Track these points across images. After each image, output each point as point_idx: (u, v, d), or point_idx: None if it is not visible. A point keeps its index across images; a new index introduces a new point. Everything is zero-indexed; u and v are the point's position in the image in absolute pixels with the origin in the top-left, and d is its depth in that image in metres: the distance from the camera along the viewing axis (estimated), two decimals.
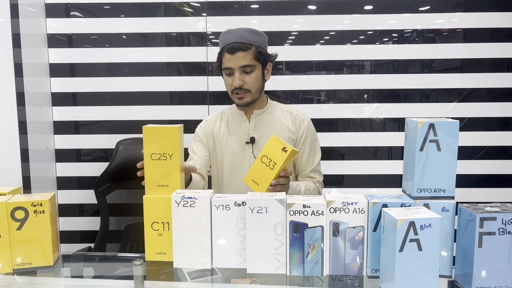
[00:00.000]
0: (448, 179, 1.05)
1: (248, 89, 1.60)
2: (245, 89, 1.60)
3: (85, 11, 2.28)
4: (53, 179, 2.39)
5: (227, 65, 1.59)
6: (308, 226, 1.06)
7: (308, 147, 1.71)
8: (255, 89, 1.62)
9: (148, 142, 1.17)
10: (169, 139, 1.15)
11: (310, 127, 1.73)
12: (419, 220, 0.92)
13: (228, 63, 1.58)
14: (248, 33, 1.59)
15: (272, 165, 1.23)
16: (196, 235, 1.11)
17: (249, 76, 1.59)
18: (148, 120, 2.33)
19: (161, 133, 1.16)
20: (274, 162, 1.23)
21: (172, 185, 1.16)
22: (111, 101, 2.33)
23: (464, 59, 2.24)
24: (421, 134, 1.03)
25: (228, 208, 1.10)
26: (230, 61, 1.57)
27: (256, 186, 1.24)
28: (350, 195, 1.09)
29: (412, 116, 2.25)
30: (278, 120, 1.71)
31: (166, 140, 1.15)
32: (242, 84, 1.58)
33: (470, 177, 2.31)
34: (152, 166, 1.17)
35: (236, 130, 1.72)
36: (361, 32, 2.24)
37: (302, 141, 1.70)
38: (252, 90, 1.61)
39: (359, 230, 1.06)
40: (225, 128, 1.74)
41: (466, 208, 0.99)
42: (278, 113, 1.73)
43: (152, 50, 2.28)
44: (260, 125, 1.70)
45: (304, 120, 1.72)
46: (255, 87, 1.62)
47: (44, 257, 1.12)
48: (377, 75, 2.27)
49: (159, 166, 1.17)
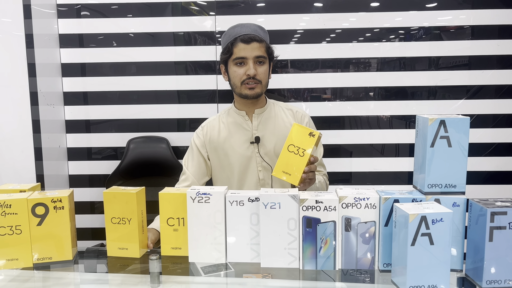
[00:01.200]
0: (458, 174, 1.06)
1: (260, 80, 1.59)
2: (257, 80, 1.58)
3: (95, 11, 2.31)
4: (66, 177, 2.42)
5: (241, 55, 1.57)
6: (321, 221, 1.08)
7: None
8: (265, 81, 1.61)
9: (108, 206, 1.18)
10: (127, 204, 1.16)
11: (311, 123, 1.74)
12: (430, 215, 0.94)
13: (243, 53, 1.56)
14: (259, 29, 1.61)
15: (302, 152, 1.20)
16: (210, 230, 1.13)
17: (261, 67, 1.59)
18: (158, 119, 2.36)
19: (120, 198, 1.17)
20: (303, 149, 1.20)
21: (131, 248, 1.18)
22: (121, 100, 2.36)
23: (472, 56, 2.25)
24: (432, 130, 1.05)
25: (242, 203, 1.12)
26: (244, 50, 1.56)
27: (288, 177, 1.20)
28: (362, 191, 1.11)
29: (420, 114, 2.28)
30: (280, 118, 1.70)
31: (125, 205, 1.16)
32: (256, 74, 1.57)
33: (479, 174, 2.31)
34: (113, 230, 1.19)
35: (239, 131, 1.68)
36: (368, 30, 2.25)
37: None
38: (263, 81, 1.60)
39: (370, 225, 1.08)
40: (225, 131, 1.70)
41: (477, 203, 1.01)
42: (279, 111, 1.72)
43: (161, 49, 2.31)
44: (263, 124, 1.68)
45: (305, 116, 1.73)
46: (265, 79, 1.61)
47: (64, 251, 1.15)
48: (384, 72, 2.28)
49: (119, 230, 1.18)
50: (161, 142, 2.36)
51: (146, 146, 2.37)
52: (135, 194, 1.15)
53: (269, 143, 1.65)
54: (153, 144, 2.37)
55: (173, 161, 2.33)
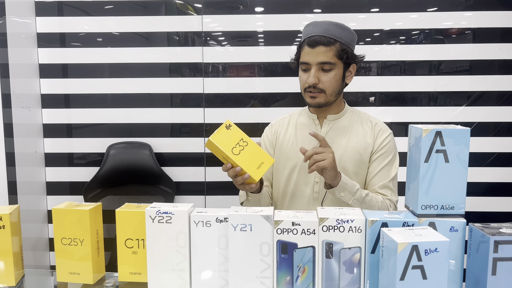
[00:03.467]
0: (457, 194, 0.92)
1: (323, 89, 1.41)
2: (319, 89, 1.41)
3: (78, 9, 2.18)
4: (43, 184, 2.29)
5: (304, 59, 1.42)
6: (298, 246, 0.94)
7: (383, 161, 1.48)
8: (331, 90, 1.42)
9: (58, 225, 1.05)
10: (79, 223, 1.03)
11: (390, 140, 1.50)
12: (423, 244, 0.80)
13: (306, 57, 1.41)
14: (333, 27, 1.41)
15: (244, 142, 1.15)
16: (172, 254, 0.99)
17: (326, 74, 1.41)
18: (140, 124, 2.22)
19: (71, 216, 1.03)
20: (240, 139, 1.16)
21: (84, 273, 1.05)
22: (101, 103, 2.23)
23: (473, 60, 2.11)
24: (426, 143, 0.91)
25: (208, 224, 0.98)
26: (308, 55, 1.41)
27: (264, 165, 1.18)
28: (346, 211, 0.97)
29: (418, 121, 2.14)
30: (354, 129, 1.50)
31: (77, 223, 1.03)
32: (317, 83, 1.40)
33: (478, 185, 2.17)
34: (63, 252, 1.05)
35: (306, 136, 1.49)
36: (367, 32, 2.12)
37: (377, 153, 1.48)
38: (327, 91, 1.41)
39: (355, 252, 0.94)
40: (292, 132, 1.54)
41: (479, 229, 0.87)
42: (355, 121, 1.52)
43: (145, 50, 2.18)
44: (333, 132, 1.49)
45: (384, 131, 1.50)
46: (331, 88, 1.42)
47: (6, 276, 1.01)
48: (383, 77, 2.14)
49: (70, 252, 1.05)
50: (143, 148, 2.22)
51: (127, 152, 2.23)
52: (88, 212, 1.01)
53: (336, 154, 1.39)
54: (134, 150, 2.23)
55: (156, 169, 2.20)
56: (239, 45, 2.17)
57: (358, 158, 1.47)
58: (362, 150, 1.47)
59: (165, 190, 2.23)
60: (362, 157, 1.47)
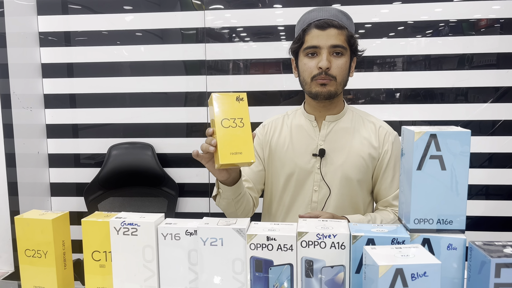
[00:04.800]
0: (455, 207, 0.80)
1: (334, 76, 1.28)
2: (331, 75, 1.27)
3: (82, 7, 2.13)
4: (46, 185, 2.26)
5: (313, 43, 1.27)
6: (274, 263, 0.84)
7: (392, 168, 1.36)
8: (341, 78, 1.29)
9: (21, 235, 0.97)
10: (42, 234, 0.95)
11: (396, 143, 1.37)
12: (409, 267, 0.68)
13: (315, 41, 1.27)
14: (341, 14, 1.30)
15: (241, 122, 0.96)
16: (139, 269, 0.91)
17: (338, 60, 1.28)
18: (142, 124, 2.16)
19: (34, 226, 0.95)
20: (240, 117, 0.96)
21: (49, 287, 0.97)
22: (104, 103, 2.18)
23: (500, 53, 1.94)
24: (419, 148, 0.79)
25: (177, 237, 0.89)
26: (318, 38, 1.26)
27: (241, 156, 0.95)
28: (330, 224, 0.86)
29: (441, 119, 1.99)
30: (357, 131, 1.37)
31: (40, 234, 0.95)
32: (329, 67, 1.27)
33: (502, 188, 2.01)
34: (27, 264, 0.98)
35: (302, 138, 1.37)
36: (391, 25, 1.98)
37: (386, 160, 1.35)
38: (338, 78, 1.28)
39: (338, 271, 0.83)
40: (287, 134, 1.40)
41: (479, 249, 0.74)
42: (357, 122, 1.39)
43: (148, 47, 2.11)
44: (334, 135, 1.36)
45: (390, 134, 1.37)
46: (341, 75, 1.29)
47: None
48: (403, 72, 2.00)
49: (34, 264, 0.97)
50: (146, 149, 2.16)
51: (129, 153, 2.17)
52: (51, 222, 0.94)
53: (337, 160, 1.34)
54: (136, 151, 2.17)
55: (158, 170, 2.13)
56: (258, 40, 2.06)
57: (362, 164, 1.34)
58: (367, 156, 1.34)
59: (168, 192, 2.16)
60: (366, 163, 1.34)
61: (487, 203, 2.04)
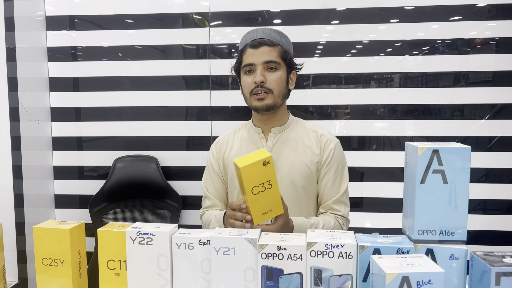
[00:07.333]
0: (457, 219, 0.84)
1: (271, 89, 1.38)
2: (267, 88, 1.37)
3: (90, 22, 2.19)
4: (51, 197, 2.29)
5: (248, 61, 1.38)
6: (284, 272, 0.88)
7: (333, 173, 1.45)
8: (278, 91, 1.39)
9: (38, 244, 1.01)
10: (60, 243, 0.99)
11: (337, 149, 1.47)
12: (415, 275, 0.72)
13: (250, 59, 1.38)
14: (273, 32, 1.42)
15: (269, 184, 1.06)
16: (154, 278, 0.94)
17: (272, 74, 1.38)
18: (147, 137, 2.21)
19: (52, 235, 0.99)
20: (268, 180, 1.06)
21: None
22: (109, 116, 2.22)
23: (496, 71, 2.00)
24: (422, 162, 0.84)
25: (191, 247, 0.93)
26: (252, 56, 1.38)
27: (271, 213, 1.11)
28: (337, 235, 0.91)
29: (438, 134, 2.05)
30: (301, 141, 1.46)
31: (57, 243, 0.99)
32: (264, 82, 1.37)
33: (500, 203, 2.05)
34: (44, 273, 1.01)
35: (251, 150, 1.43)
36: (389, 42, 2.04)
37: (326, 165, 1.44)
38: (274, 91, 1.38)
39: (346, 279, 0.87)
40: (238, 148, 1.50)
41: (480, 258, 0.78)
42: (301, 132, 1.48)
43: (152, 63, 2.17)
44: (279, 145, 1.45)
45: (331, 141, 1.46)
46: (278, 88, 1.39)
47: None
48: (402, 89, 2.06)
49: (51, 273, 1.01)
50: (150, 162, 2.20)
51: (133, 166, 2.21)
52: (69, 231, 0.97)
53: (282, 168, 1.42)
54: (141, 163, 2.21)
55: (162, 183, 2.17)
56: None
57: (306, 171, 1.43)
58: (310, 163, 1.44)
59: (171, 204, 2.19)
60: (310, 170, 1.43)
61: (485, 217, 2.08)
